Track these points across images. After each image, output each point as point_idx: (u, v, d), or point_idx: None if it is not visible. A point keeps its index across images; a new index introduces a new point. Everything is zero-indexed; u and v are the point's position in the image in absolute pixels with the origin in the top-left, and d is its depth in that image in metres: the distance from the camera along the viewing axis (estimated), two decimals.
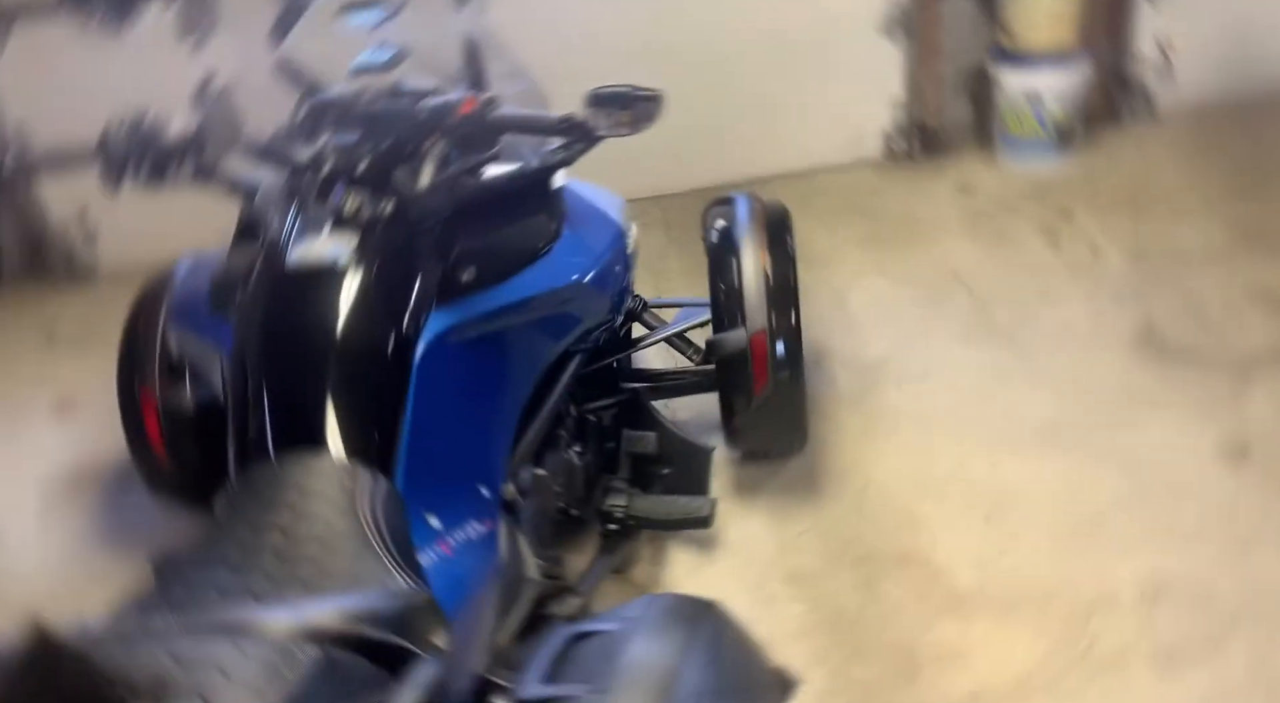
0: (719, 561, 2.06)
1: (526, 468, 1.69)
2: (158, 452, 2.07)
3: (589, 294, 1.70)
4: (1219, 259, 2.76)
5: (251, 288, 1.50)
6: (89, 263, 3.79)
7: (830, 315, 2.82)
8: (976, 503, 2.09)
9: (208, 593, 1.10)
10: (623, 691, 0.84)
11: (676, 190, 3.57)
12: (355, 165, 1.48)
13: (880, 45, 3.50)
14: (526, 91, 1.81)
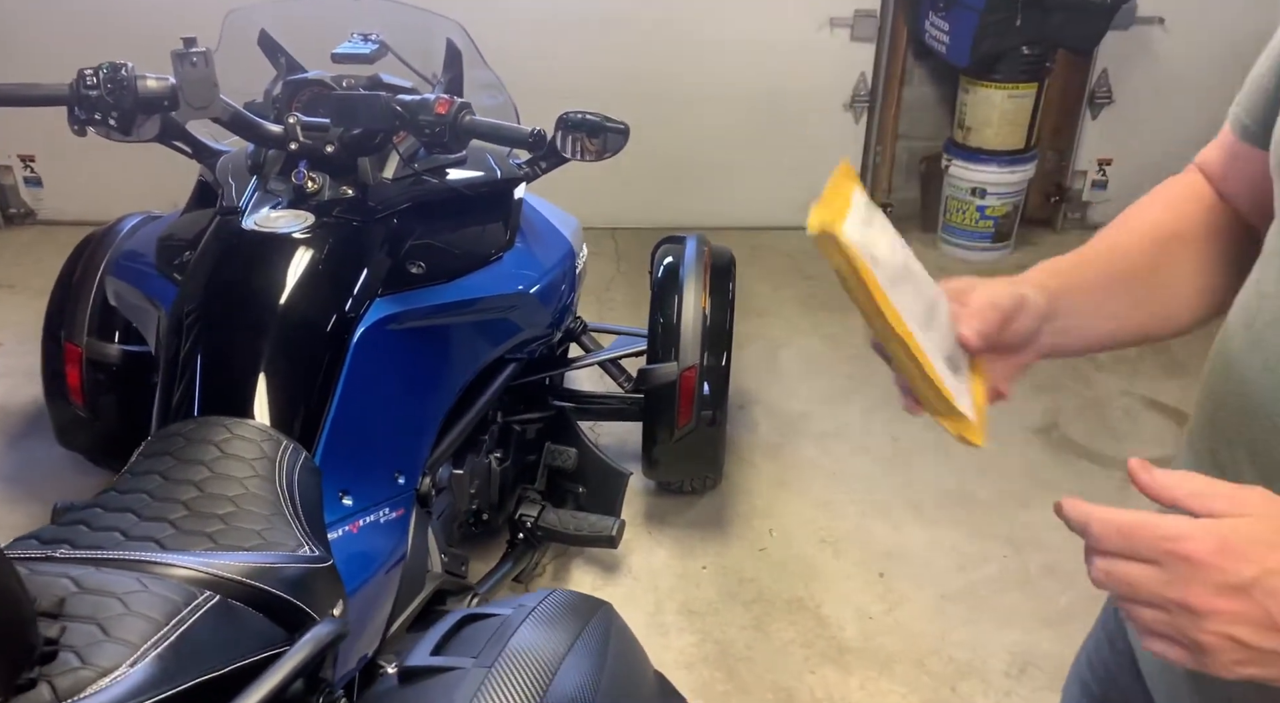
0: (620, 584, 2.10)
1: (445, 466, 1.72)
2: (75, 402, 2.04)
3: (531, 305, 1.75)
4: (1125, 366, 2.92)
5: (202, 249, 1.51)
6: (28, 207, 3.72)
7: (761, 365, 2.91)
8: (872, 560, 2.17)
9: (112, 536, 1.11)
10: (506, 667, 0.87)
11: (633, 225, 3.66)
12: (322, 147, 1.52)
13: (844, 120, 3.65)
14: (500, 104, 1.86)
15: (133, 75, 1.40)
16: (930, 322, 0.68)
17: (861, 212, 0.65)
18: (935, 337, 0.68)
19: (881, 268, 0.64)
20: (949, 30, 3.24)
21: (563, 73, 3.44)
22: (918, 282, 0.68)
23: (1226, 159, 0.81)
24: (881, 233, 0.67)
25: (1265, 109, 0.74)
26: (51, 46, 3.34)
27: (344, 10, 1.92)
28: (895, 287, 0.65)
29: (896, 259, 0.66)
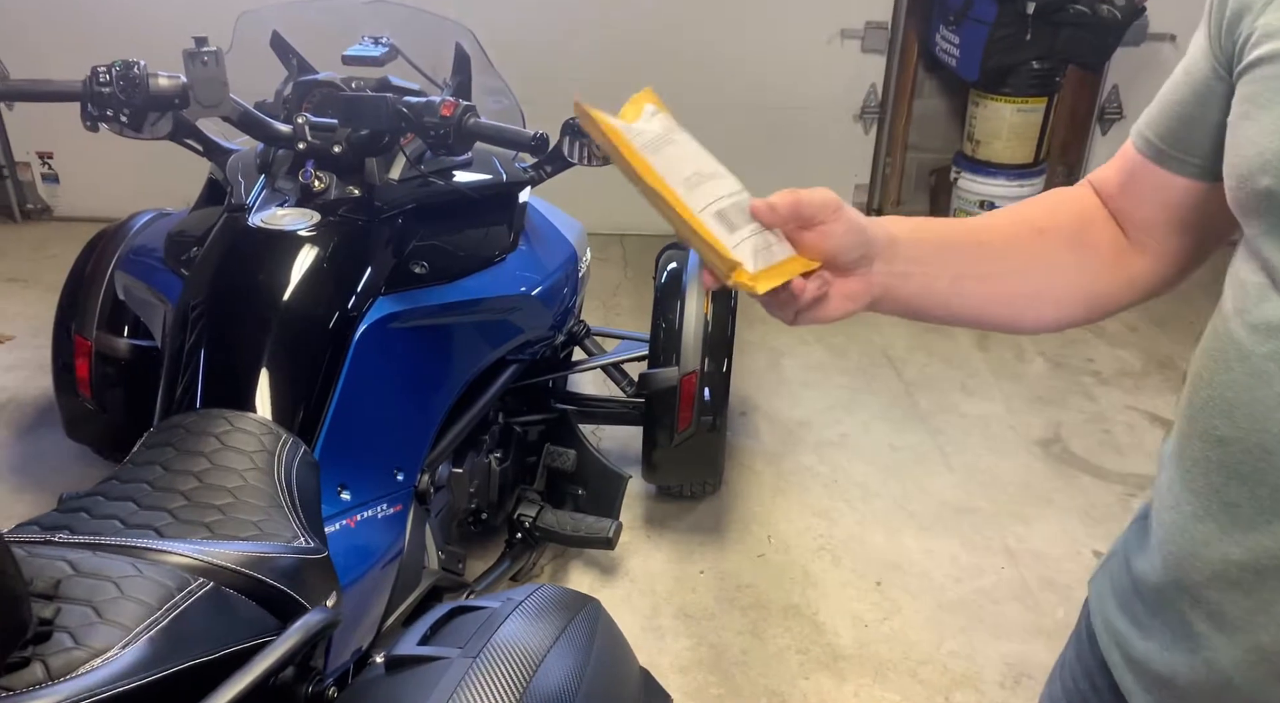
0: (617, 587, 2.11)
1: (445, 464, 1.74)
2: (84, 395, 2.07)
3: (534, 307, 1.77)
4: (1129, 381, 2.92)
5: (209, 245, 1.54)
6: (44, 203, 3.77)
7: (764, 373, 2.92)
8: (869, 569, 2.17)
9: (111, 523, 1.12)
10: (491, 658, 0.89)
11: (641, 232, 3.68)
12: (330, 147, 1.54)
13: (854, 132, 3.66)
14: (507, 109, 1.89)
15: (144, 73, 1.42)
16: (699, 185, 0.73)
17: (644, 118, 0.75)
18: (704, 196, 0.72)
19: (638, 136, 0.72)
20: (959, 44, 3.25)
21: (573, 80, 3.47)
22: (699, 163, 0.74)
23: (1125, 177, 0.80)
24: (663, 129, 0.75)
25: (1181, 134, 0.73)
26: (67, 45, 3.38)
27: (355, 13, 1.95)
28: (656, 152, 0.72)
29: (669, 137, 0.74)
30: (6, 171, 3.67)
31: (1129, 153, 0.79)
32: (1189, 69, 0.72)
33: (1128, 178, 0.80)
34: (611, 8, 3.44)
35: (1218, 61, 0.68)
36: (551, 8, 3.44)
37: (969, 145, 3.45)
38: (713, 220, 0.71)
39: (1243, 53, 0.64)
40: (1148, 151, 0.77)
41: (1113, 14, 3.10)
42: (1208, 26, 0.69)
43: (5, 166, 3.66)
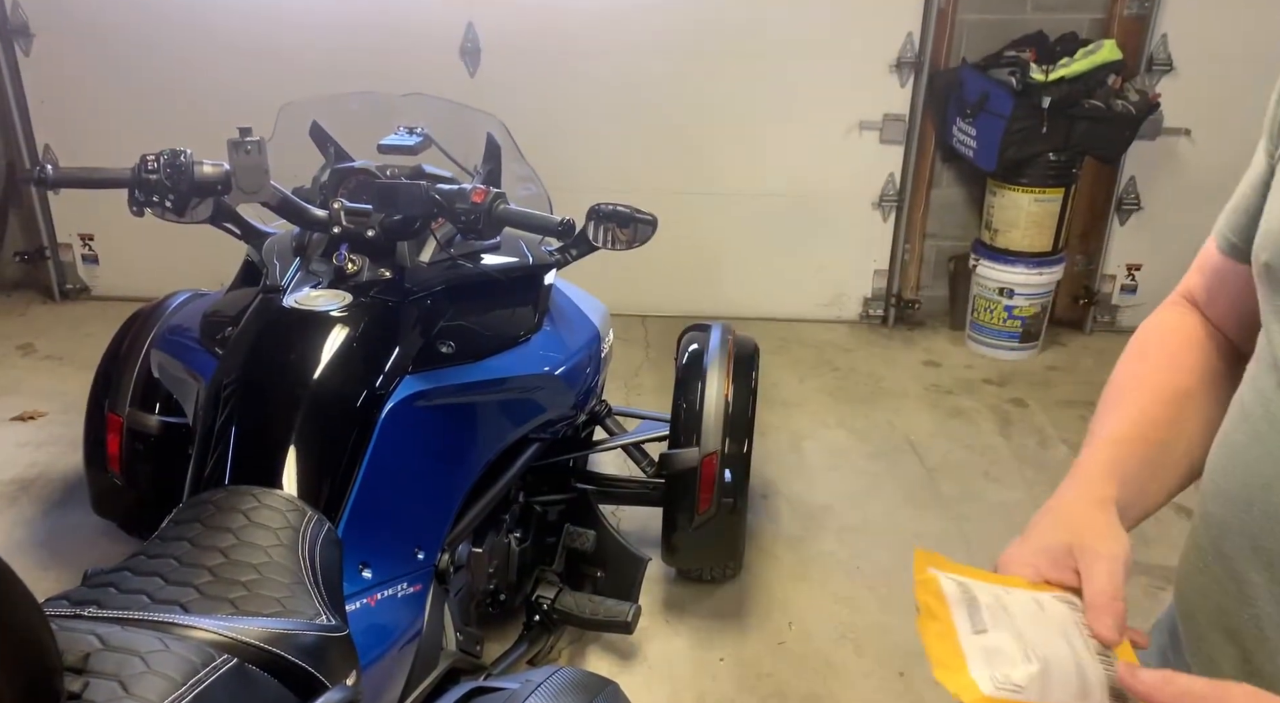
0: (635, 672, 2.08)
1: (465, 543, 1.74)
2: (113, 470, 2.10)
3: (556, 387, 1.79)
4: None
5: (243, 325, 1.58)
6: (84, 283, 3.87)
7: (786, 456, 2.92)
8: (892, 659, 2.13)
9: (139, 598, 1.14)
10: None
11: (663, 313, 3.73)
12: (364, 231, 1.60)
13: (873, 219, 3.73)
14: (534, 195, 1.95)
15: (190, 161, 1.49)
16: (1079, 664, 0.63)
17: (963, 609, 0.64)
18: (1090, 674, 0.63)
19: (1030, 684, 0.61)
20: (976, 136, 3.33)
21: (599, 168, 3.57)
22: (1046, 636, 0.63)
23: (1213, 281, 0.82)
24: (981, 608, 0.64)
25: (1250, 227, 0.76)
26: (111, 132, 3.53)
27: (392, 104, 2.03)
28: (1049, 680, 0.61)
29: (1027, 643, 0.63)
30: (49, 252, 3.79)
31: (1211, 253, 0.82)
32: (1254, 165, 0.76)
33: (1215, 280, 0.82)
34: (638, 99, 3.56)
35: (1271, 153, 0.73)
36: (581, 98, 3.56)
37: (987, 233, 3.50)
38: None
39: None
40: (1226, 248, 0.80)
41: (1127, 109, 3.17)
42: (1270, 123, 0.73)
43: (47, 247, 3.78)
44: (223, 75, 3.50)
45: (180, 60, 3.53)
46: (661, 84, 3.54)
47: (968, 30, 3.44)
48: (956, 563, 0.67)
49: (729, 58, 3.51)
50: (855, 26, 3.46)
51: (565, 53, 3.50)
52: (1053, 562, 0.67)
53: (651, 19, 3.46)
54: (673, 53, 3.50)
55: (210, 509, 1.33)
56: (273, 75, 3.39)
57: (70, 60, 3.55)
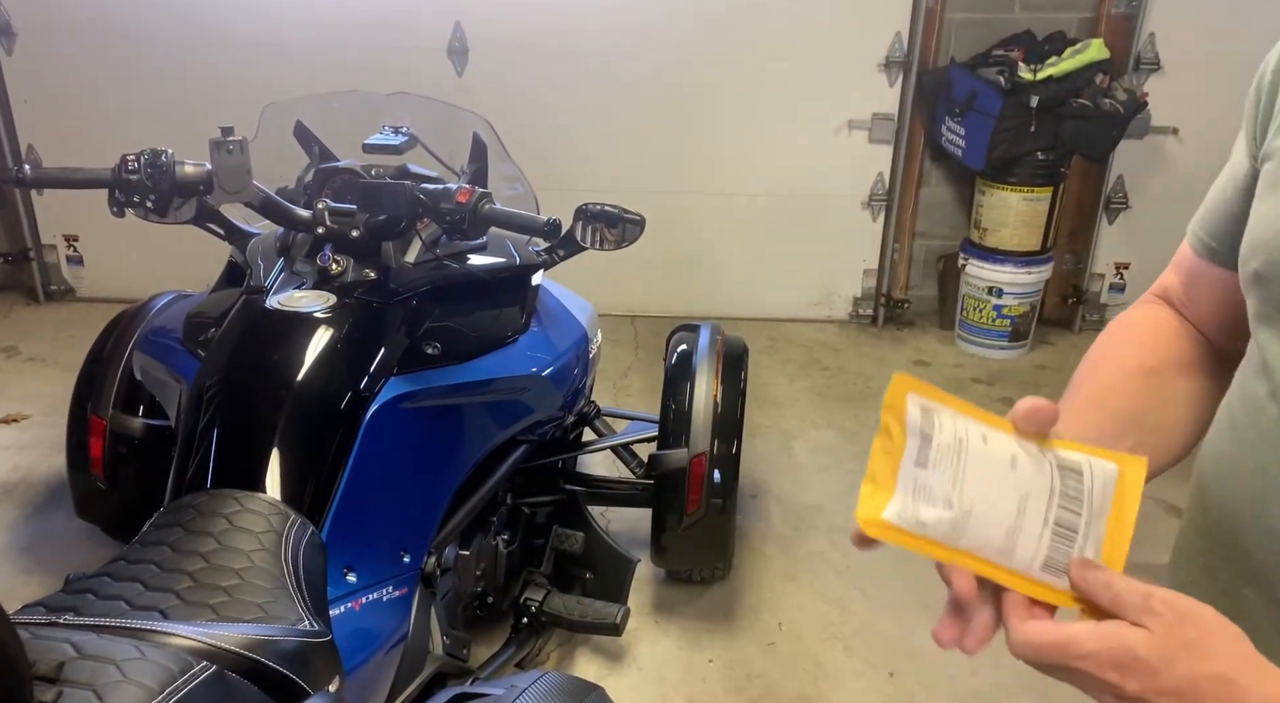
0: (624, 675, 2.07)
1: (452, 546, 1.73)
2: (96, 474, 2.08)
3: (544, 388, 1.78)
4: None
5: (226, 326, 1.57)
6: (68, 285, 3.84)
7: (775, 456, 2.91)
8: (882, 659, 2.13)
9: (117, 605, 1.12)
10: None
11: (653, 313, 3.72)
12: (348, 231, 1.58)
13: (862, 218, 3.73)
14: (521, 195, 1.93)
15: (171, 161, 1.47)
16: (1018, 527, 0.63)
17: (917, 439, 0.64)
18: (1027, 541, 0.63)
19: (935, 526, 0.62)
20: (964, 135, 3.33)
21: (587, 168, 3.56)
22: (991, 490, 0.63)
23: (1189, 282, 0.81)
24: (933, 445, 0.64)
25: (1230, 230, 0.75)
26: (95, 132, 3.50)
27: (377, 104, 2.02)
28: (962, 531, 0.62)
29: (959, 489, 0.63)
30: (33, 253, 3.75)
31: (1186, 255, 0.81)
32: (1232, 166, 0.75)
33: (1191, 281, 0.81)
34: (626, 98, 3.55)
35: (1252, 155, 0.71)
36: (569, 98, 3.54)
37: (976, 233, 3.50)
38: (1041, 570, 0.63)
39: (1265, 134, 0.67)
40: (1201, 250, 0.78)
41: (1115, 107, 3.17)
42: (1247, 121, 0.72)
43: (31, 249, 3.75)
44: (209, 74, 3.47)
45: (166, 59, 3.50)
46: (649, 84, 3.53)
47: (956, 29, 3.44)
48: (940, 391, 0.66)
49: (717, 57, 3.50)
50: (844, 26, 3.45)
51: (554, 52, 3.48)
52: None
53: (639, 19, 3.45)
54: (661, 52, 3.49)
55: (191, 513, 1.31)
56: (258, 74, 3.37)
57: (54, 60, 3.52)
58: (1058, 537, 0.63)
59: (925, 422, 0.64)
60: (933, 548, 0.63)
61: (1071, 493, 0.64)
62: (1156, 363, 0.79)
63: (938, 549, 0.63)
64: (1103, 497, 0.65)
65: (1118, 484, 0.65)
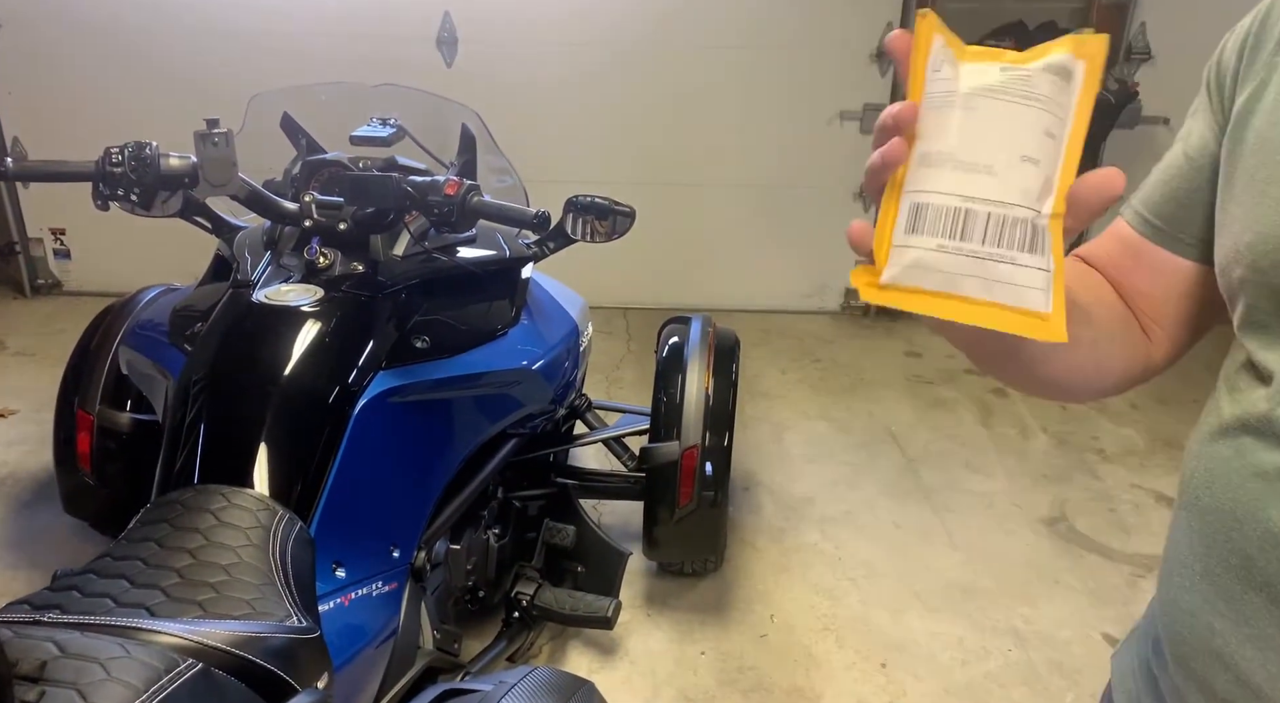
0: (616, 668, 2.07)
1: (442, 540, 1.72)
2: (84, 469, 2.06)
3: (534, 381, 1.77)
4: (1134, 459, 2.90)
5: (212, 321, 1.55)
6: (55, 279, 3.82)
7: (767, 448, 2.91)
8: (874, 650, 2.13)
9: (103, 602, 1.11)
10: None
11: (645, 306, 3.71)
12: (336, 224, 1.57)
13: (854, 209, 3.72)
14: (510, 187, 1.92)
15: (156, 153, 1.45)
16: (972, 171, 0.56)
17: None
18: (936, 180, 0.56)
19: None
20: None
21: (577, 159, 3.55)
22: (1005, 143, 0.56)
23: (1125, 254, 0.77)
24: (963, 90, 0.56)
25: (1180, 214, 0.72)
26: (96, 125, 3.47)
27: (364, 95, 2.00)
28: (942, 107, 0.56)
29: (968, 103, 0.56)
30: (19, 247, 3.73)
31: (1124, 232, 0.78)
32: (1188, 150, 0.72)
33: (1125, 255, 0.77)
34: (617, 90, 3.53)
35: (1216, 139, 0.69)
36: (560, 89, 3.53)
37: None
38: (907, 208, 0.57)
39: (1228, 120, 0.65)
40: (1145, 230, 0.75)
41: (1106, 97, 3.17)
42: (1207, 104, 0.70)
43: (18, 242, 3.72)
44: (195, 65, 3.45)
45: (152, 51, 3.47)
46: (641, 75, 3.51)
47: (948, 19, 3.38)
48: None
49: (709, 48, 3.48)
50: (835, 16, 3.44)
51: (543, 43, 3.46)
52: None
53: (630, 9, 3.43)
54: (652, 43, 3.48)
55: (178, 509, 1.30)
56: (245, 65, 3.34)
57: (39, 51, 3.49)
58: (967, 214, 0.56)
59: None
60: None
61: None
62: (1109, 298, 0.77)
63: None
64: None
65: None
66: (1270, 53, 0.62)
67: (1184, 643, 0.67)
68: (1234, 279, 0.62)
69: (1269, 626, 0.60)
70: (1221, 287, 0.65)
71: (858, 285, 0.58)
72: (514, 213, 1.50)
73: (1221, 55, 0.68)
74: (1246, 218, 0.61)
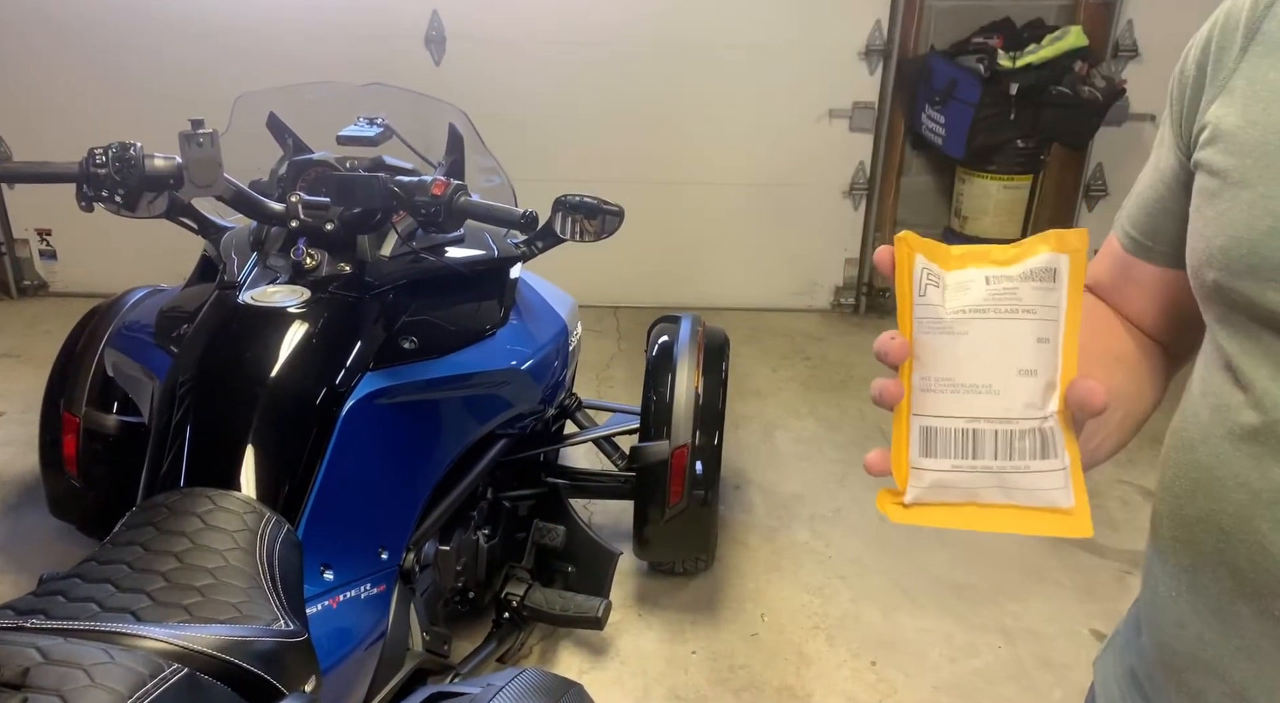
0: (607, 668, 2.07)
1: (431, 542, 1.72)
2: (70, 472, 2.05)
3: (523, 381, 1.76)
4: (1121, 456, 2.89)
5: (198, 322, 1.54)
6: (41, 280, 3.79)
7: (758, 446, 2.91)
8: (864, 648, 2.13)
9: (88, 606, 1.10)
10: None
11: (636, 304, 3.71)
12: (322, 225, 1.56)
13: (844, 207, 3.72)
14: (498, 187, 1.92)
15: (140, 154, 1.45)
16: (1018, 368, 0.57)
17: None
18: (939, 404, 0.58)
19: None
20: (945, 123, 3.32)
21: (566, 159, 3.54)
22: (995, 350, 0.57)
23: (1119, 274, 0.78)
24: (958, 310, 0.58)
25: (1163, 226, 0.73)
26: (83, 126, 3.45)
27: (352, 95, 1.99)
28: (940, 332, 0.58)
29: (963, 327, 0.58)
30: (4, 248, 3.70)
31: (1115, 248, 0.79)
32: (1157, 162, 0.73)
33: (1119, 274, 0.79)
34: (606, 88, 3.53)
35: (1181, 151, 0.69)
36: (549, 88, 3.52)
37: (956, 220, 3.50)
38: (917, 433, 0.59)
39: (1196, 141, 0.65)
40: (1131, 247, 0.77)
41: (1094, 95, 3.17)
42: (1171, 118, 0.70)
43: (3, 243, 3.70)
44: (183, 65, 3.43)
45: (139, 50, 3.45)
46: (629, 73, 3.51)
47: (936, 17, 3.43)
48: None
49: (698, 46, 3.48)
50: (824, 14, 3.44)
51: (532, 42, 3.46)
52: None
53: (619, 7, 3.43)
54: (641, 41, 3.47)
55: (164, 513, 1.29)
56: (232, 64, 3.32)
57: (23, 51, 3.47)
58: (970, 434, 0.58)
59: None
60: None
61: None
62: (1123, 349, 0.77)
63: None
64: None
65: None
66: (1235, 58, 0.62)
67: (1174, 654, 0.66)
68: (1207, 282, 0.62)
69: (1260, 637, 0.60)
70: (1195, 289, 0.65)
71: (884, 510, 0.61)
72: (501, 212, 1.50)
73: (1184, 65, 0.68)
74: (1219, 220, 0.61)
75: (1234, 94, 0.62)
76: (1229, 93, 0.62)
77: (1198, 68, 0.66)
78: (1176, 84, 0.69)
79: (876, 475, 0.60)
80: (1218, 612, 0.62)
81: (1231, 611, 0.61)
